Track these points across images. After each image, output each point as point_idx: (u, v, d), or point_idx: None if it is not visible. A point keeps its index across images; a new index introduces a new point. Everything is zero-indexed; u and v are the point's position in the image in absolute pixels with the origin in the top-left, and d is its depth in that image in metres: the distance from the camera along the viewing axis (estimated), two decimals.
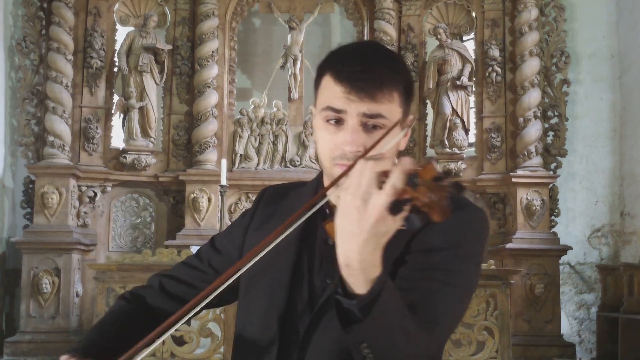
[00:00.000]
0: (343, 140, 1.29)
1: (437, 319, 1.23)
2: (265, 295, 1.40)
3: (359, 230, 1.05)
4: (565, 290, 7.66)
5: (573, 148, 7.72)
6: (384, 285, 1.10)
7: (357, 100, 1.28)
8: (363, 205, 1.04)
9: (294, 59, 8.08)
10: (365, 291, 1.09)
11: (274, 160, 7.91)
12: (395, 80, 1.32)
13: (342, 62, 1.33)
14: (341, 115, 1.30)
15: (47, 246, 6.90)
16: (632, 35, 7.70)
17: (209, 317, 5.33)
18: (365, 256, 1.06)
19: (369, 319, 1.09)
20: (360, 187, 1.05)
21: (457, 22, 8.01)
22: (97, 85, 7.59)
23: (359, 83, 1.28)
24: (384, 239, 1.07)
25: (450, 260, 1.28)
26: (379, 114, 1.29)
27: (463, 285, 1.30)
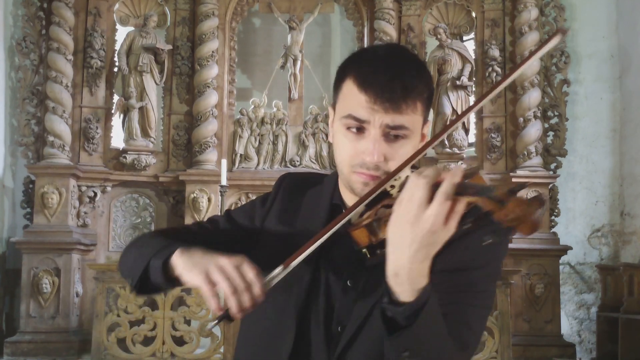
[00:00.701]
0: (364, 149, 1.28)
1: (468, 341, 1.25)
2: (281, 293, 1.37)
3: (411, 242, 1.08)
4: (565, 290, 7.66)
5: (573, 148, 7.72)
6: (430, 296, 1.12)
7: (382, 111, 1.27)
8: (416, 217, 1.07)
9: (294, 59, 8.08)
10: (411, 300, 1.11)
11: (274, 160, 7.91)
12: (419, 90, 1.30)
13: (368, 68, 1.30)
14: (363, 125, 1.29)
15: (47, 246, 6.90)
16: (632, 35, 7.70)
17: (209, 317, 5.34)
18: (415, 265, 1.09)
19: (415, 325, 1.11)
20: (413, 200, 1.07)
21: (457, 22, 8.01)
22: (97, 85, 7.59)
23: (385, 94, 1.26)
24: (434, 250, 1.10)
25: (478, 281, 1.29)
26: (402, 126, 1.28)
27: (489, 304, 1.33)
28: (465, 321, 1.25)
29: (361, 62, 1.32)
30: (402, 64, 1.31)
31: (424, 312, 1.11)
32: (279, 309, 1.37)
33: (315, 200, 1.46)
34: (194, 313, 5.36)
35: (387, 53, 1.33)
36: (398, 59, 1.32)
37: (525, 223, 1.04)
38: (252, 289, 1.17)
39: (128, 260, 1.43)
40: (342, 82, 1.34)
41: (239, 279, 1.17)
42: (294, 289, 1.36)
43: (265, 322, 1.40)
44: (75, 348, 6.79)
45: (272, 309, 1.38)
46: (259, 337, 1.41)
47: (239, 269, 1.18)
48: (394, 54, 1.33)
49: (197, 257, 1.24)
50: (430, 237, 1.07)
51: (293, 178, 1.58)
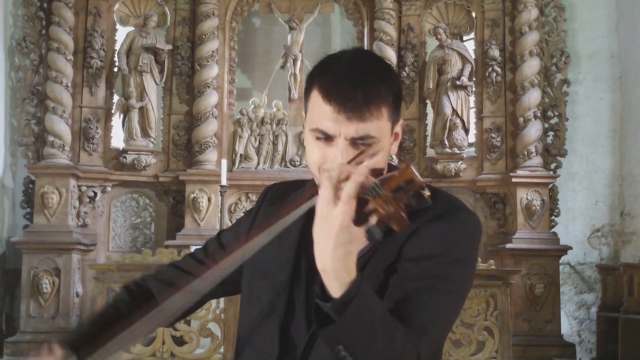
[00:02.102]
0: (332, 158, 1.30)
1: (426, 325, 1.24)
2: (267, 297, 1.41)
3: (327, 238, 1.11)
4: (565, 290, 7.66)
5: (573, 148, 7.72)
6: (359, 289, 1.13)
7: (346, 120, 1.28)
8: (327, 215, 1.11)
9: (294, 59, 8.08)
10: (340, 295, 1.13)
11: (274, 160, 7.91)
12: (383, 95, 1.31)
13: (331, 78, 1.31)
14: (330, 136, 1.31)
15: (47, 246, 6.90)
16: (632, 35, 7.70)
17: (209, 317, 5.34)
18: (337, 262, 1.12)
19: (341, 320, 1.13)
20: (323, 199, 1.11)
21: (457, 22, 8.01)
22: (97, 85, 7.59)
23: (348, 103, 1.27)
24: (351, 247, 1.12)
25: (441, 266, 1.28)
26: (367, 135, 1.29)
27: (454, 289, 1.31)
28: (423, 306, 1.25)
29: (325, 72, 1.34)
30: (364, 71, 1.32)
31: (352, 306, 1.12)
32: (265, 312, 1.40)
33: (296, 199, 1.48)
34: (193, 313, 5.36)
35: (349, 61, 1.34)
36: (360, 66, 1.33)
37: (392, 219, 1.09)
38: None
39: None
40: (310, 91, 1.36)
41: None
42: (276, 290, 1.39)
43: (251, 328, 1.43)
44: None
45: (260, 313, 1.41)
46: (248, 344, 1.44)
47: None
48: (356, 62, 1.34)
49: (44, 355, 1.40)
50: (343, 235, 1.10)
51: (277, 186, 1.62)
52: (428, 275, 1.27)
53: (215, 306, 5.33)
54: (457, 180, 7.58)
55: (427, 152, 7.84)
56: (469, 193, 7.63)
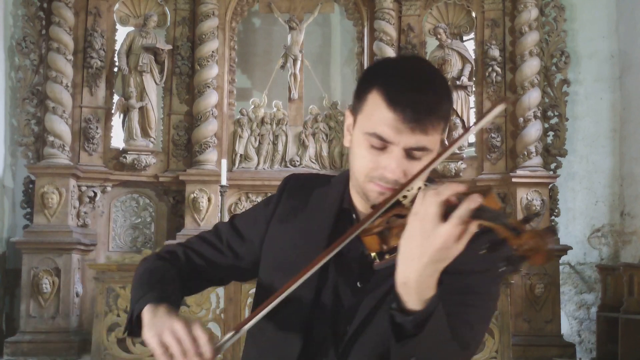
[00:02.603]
0: (385, 165, 1.29)
1: (469, 341, 1.28)
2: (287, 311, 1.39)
3: (420, 255, 1.10)
4: (565, 290, 7.65)
5: (573, 148, 7.72)
6: (437, 305, 1.16)
7: (408, 131, 1.27)
8: (428, 234, 1.09)
9: (294, 59, 8.08)
10: (418, 309, 1.15)
11: (274, 160, 7.91)
12: (444, 110, 1.31)
13: (397, 85, 1.29)
14: (387, 144, 1.29)
15: (47, 246, 6.90)
16: (632, 35, 7.70)
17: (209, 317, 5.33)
18: (423, 278, 1.12)
19: (423, 334, 1.15)
20: (427, 217, 1.09)
21: (457, 22, 8.01)
22: (97, 85, 7.59)
23: (413, 114, 1.26)
24: (442, 265, 1.12)
25: (483, 283, 1.31)
26: (424, 147, 1.29)
27: (491, 305, 1.36)
28: (467, 321, 1.28)
29: (389, 76, 1.32)
30: (430, 82, 1.31)
31: (431, 322, 1.15)
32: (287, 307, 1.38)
33: (322, 201, 1.47)
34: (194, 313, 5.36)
35: (416, 71, 1.33)
36: (426, 77, 1.32)
37: (539, 254, 1.07)
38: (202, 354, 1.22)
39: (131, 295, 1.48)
40: (367, 93, 1.33)
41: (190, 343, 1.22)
42: (303, 288, 1.36)
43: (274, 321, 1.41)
44: (75, 348, 6.79)
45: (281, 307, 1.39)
46: (267, 336, 1.43)
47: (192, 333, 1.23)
48: (422, 72, 1.33)
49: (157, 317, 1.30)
50: (440, 254, 1.10)
51: (298, 179, 1.58)
52: (470, 292, 1.30)
53: (215, 306, 5.33)
54: (457, 180, 7.58)
55: None
56: None
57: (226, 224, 1.59)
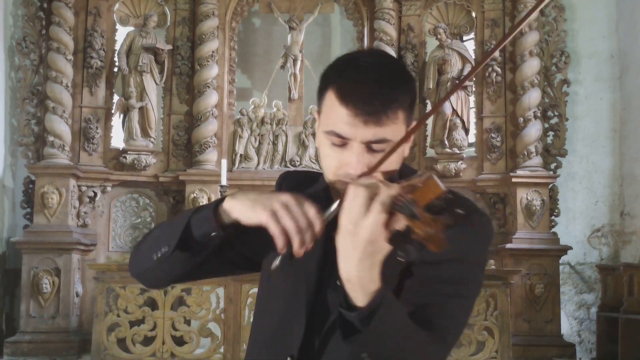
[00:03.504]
0: (347, 162, 1.29)
1: (449, 330, 1.27)
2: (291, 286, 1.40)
3: (353, 250, 1.11)
4: (565, 290, 7.66)
5: (573, 148, 7.72)
6: (383, 298, 1.14)
7: (363, 124, 1.26)
8: (354, 228, 1.10)
9: (294, 59, 8.08)
10: (364, 304, 1.14)
11: (274, 160, 7.91)
12: (401, 100, 1.29)
13: (349, 80, 1.29)
14: (346, 140, 1.29)
15: (47, 246, 6.90)
16: (632, 35, 7.70)
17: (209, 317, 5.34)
18: (363, 273, 1.12)
19: (367, 330, 1.14)
20: (351, 211, 1.10)
21: (457, 22, 8.01)
22: (97, 85, 7.59)
23: (366, 107, 1.26)
24: (378, 258, 1.12)
25: (460, 273, 1.29)
26: (383, 139, 1.28)
27: (471, 294, 1.34)
28: (444, 311, 1.27)
29: (342, 73, 1.32)
30: (383, 75, 1.30)
31: (378, 316, 1.13)
32: (290, 299, 1.40)
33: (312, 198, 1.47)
34: (194, 313, 5.36)
35: (368, 63, 1.32)
36: (379, 69, 1.31)
37: (431, 241, 1.08)
38: (314, 226, 1.20)
39: (151, 239, 1.43)
40: (324, 92, 1.34)
41: (302, 216, 1.20)
42: (304, 281, 1.38)
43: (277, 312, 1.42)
44: (75, 348, 6.79)
45: (285, 299, 1.41)
46: (271, 327, 1.43)
47: (302, 206, 1.21)
48: (375, 64, 1.32)
49: (254, 196, 1.28)
50: (371, 246, 1.10)
51: (294, 175, 1.60)
52: (447, 280, 1.28)
53: (215, 306, 5.33)
54: (457, 180, 7.58)
55: (427, 152, 7.83)
56: (469, 193, 7.63)
57: None
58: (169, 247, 1.36)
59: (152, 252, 1.39)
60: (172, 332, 5.33)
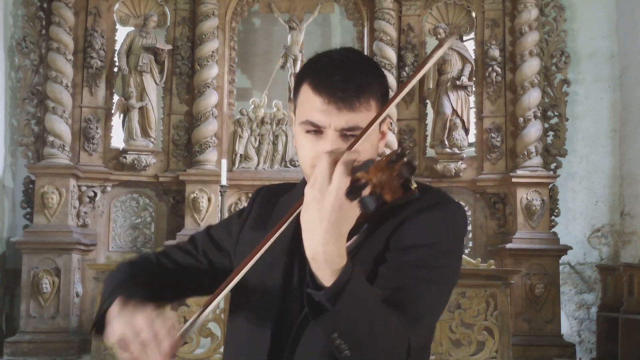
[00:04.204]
0: (322, 150, 1.29)
1: (420, 314, 1.26)
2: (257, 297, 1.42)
3: (319, 221, 1.10)
4: (565, 290, 7.65)
5: (573, 148, 7.72)
6: (351, 275, 1.13)
7: (336, 111, 1.30)
8: (320, 195, 1.10)
9: (294, 59, 8.08)
10: (332, 282, 1.13)
11: (274, 160, 7.91)
12: (372, 88, 1.33)
13: (321, 71, 1.33)
14: (320, 128, 1.32)
15: (47, 246, 6.90)
16: (632, 35, 7.70)
17: (209, 317, 5.33)
18: (329, 247, 1.11)
19: (336, 308, 1.12)
20: (317, 179, 1.11)
21: (457, 22, 8.01)
22: (97, 85, 7.59)
23: (338, 93, 1.29)
24: (344, 227, 1.12)
25: (431, 257, 1.29)
26: (356, 126, 1.30)
27: (444, 280, 1.33)
28: (417, 295, 1.26)
29: (316, 67, 1.36)
30: (355, 64, 1.35)
31: (346, 293, 1.12)
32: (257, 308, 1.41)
33: (288, 201, 1.49)
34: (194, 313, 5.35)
35: (340, 56, 1.37)
36: (351, 60, 1.36)
37: (385, 189, 1.08)
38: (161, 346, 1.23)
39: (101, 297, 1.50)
40: (299, 88, 1.38)
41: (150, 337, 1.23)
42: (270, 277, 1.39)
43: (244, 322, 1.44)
44: (75, 348, 6.79)
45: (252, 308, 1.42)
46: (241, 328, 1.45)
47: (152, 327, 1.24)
48: (347, 57, 1.37)
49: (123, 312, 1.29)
50: (336, 214, 1.09)
51: (268, 189, 1.63)
52: (419, 265, 1.28)
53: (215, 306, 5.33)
54: (457, 180, 7.58)
55: (427, 152, 7.83)
56: (469, 193, 7.63)
57: (202, 233, 1.62)
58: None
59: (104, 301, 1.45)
60: None
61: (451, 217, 1.34)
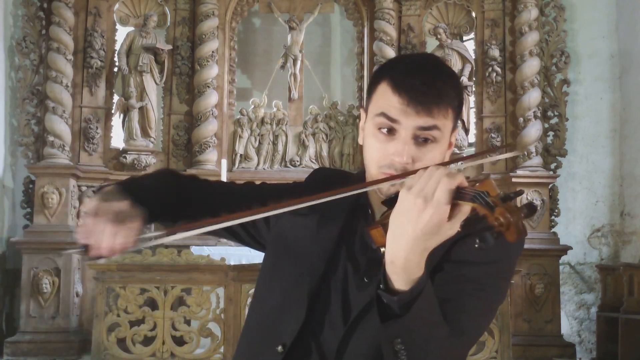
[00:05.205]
0: (394, 151, 1.31)
1: (463, 329, 1.27)
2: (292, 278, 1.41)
3: (412, 229, 1.10)
4: (565, 290, 7.66)
5: (573, 148, 7.72)
6: (425, 286, 1.14)
7: (414, 113, 1.29)
8: (424, 204, 1.09)
9: (294, 59, 8.09)
10: (406, 289, 1.14)
11: (274, 160, 7.91)
12: (451, 96, 1.33)
13: (403, 72, 1.32)
14: (394, 125, 1.31)
15: (47, 246, 6.90)
16: (632, 35, 7.70)
17: (209, 317, 5.33)
18: (412, 256, 1.11)
19: (408, 315, 1.14)
20: (425, 189, 1.10)
21: (457, 22, 8.01)
22: (97, 85, 7.59)
23: (418, 97, 1.29)
24: (433, 243, 1.12)
25: (484, 276, 1.30)
26: (434, 126, 1.30)
27: (492, 300, 1.34)
28: (465, 309, 1.27)
29: (396, 67, 1.36)
30: (436, 70, 1.34)
31: (418, 303, 1.13)
32: (291, 288, 1.40)
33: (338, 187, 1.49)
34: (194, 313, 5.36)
35: (422, 60, 1.38)
36: (433, 66, 1.36)
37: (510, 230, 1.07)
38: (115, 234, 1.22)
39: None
40: (376, 85, 1.37)
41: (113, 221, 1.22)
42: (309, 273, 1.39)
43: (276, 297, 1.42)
44: (75, 348, 6.79)
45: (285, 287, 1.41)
46: (268, 312, 1.43)
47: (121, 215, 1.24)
48: (429, 62, 1.37)
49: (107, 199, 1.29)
50: (431, 231, 1.10)
51: (325, 171, 1.64)
52: (472, 281, 1.29)
53: (215, 306, 5.33)
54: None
55: None
56: None
57: (255, 185, 1.65)
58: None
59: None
60: (172, 332, 5.33)
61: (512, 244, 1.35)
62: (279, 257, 1.47)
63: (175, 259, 5.36)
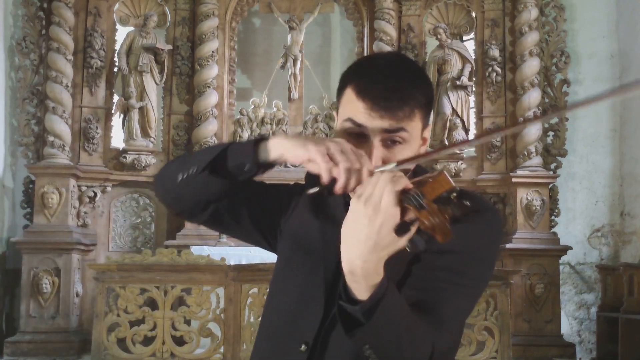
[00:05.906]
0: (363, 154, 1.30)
1: (444, 317, 1.27)
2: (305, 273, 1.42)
3: (366, 238, 1.10)
4: (565, 290, 7.66)
5: (573, 148, 7.72)
6: (386, 291, 1.14)
7: (378, 117, 1.30)
8: (374, 213, 1.10)
9: (294, 59, 8.09)
10: (367, 297, 1.13)
11: None
12: (417, 99, 1.33)
13: (366, 77, 1.33)
14: (362, 129, 1.32)
15: (47, 246, 6.90)
16: (632, 35, 7.70)
17: (209, 317, 5.34)
18: (369, 264, 1.12)
19: (370, 322, 1.14)
20: (372, 197, 1.11)
21: (457, 22, 8.01)
22: (97, 85, 7.59)
23: (381, 102, 1.29)
24: (387, 251, 1.12)
25: (463, 263, 1.30)
26: (400, 128, 1.31)
27: (472, 287, 1.34)
28: (443, 299, 1.27)
29: (360, 72, 1.36)
30: (400, 74, 1.33)
31: (381, 308, 1.13)
32: (307, 282, 1.41)
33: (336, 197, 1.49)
34: (194, 313, 5.36)
35: (385, 63, 1.36)
36: (396, 69, 1.34)
37: (437, 231, 1.09)
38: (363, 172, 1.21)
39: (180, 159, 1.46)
40: (343, 90, 1.38)
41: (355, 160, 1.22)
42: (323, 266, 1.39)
43: (294, 294, 1.43)
44: (75, 348, 6.79)
45: (301, 283, 1.42)
46: (286, 310, 1.43)
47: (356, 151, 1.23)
48: (392, 64, 1.36)
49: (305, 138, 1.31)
50: (386, 238, 1.11)
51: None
52: (451, 269, 1.29)
53: (215, 306, 5.34)
54: (457, 180, 7.57)
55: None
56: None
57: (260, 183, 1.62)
58: (197, 167, 1.38)
59: (179, 172, 1.41)
60: (172, 332, 5.34)
61: (488, 226, 1.35)
62: (292, 254, 1.47)
63: (175, 259, 5.36)
